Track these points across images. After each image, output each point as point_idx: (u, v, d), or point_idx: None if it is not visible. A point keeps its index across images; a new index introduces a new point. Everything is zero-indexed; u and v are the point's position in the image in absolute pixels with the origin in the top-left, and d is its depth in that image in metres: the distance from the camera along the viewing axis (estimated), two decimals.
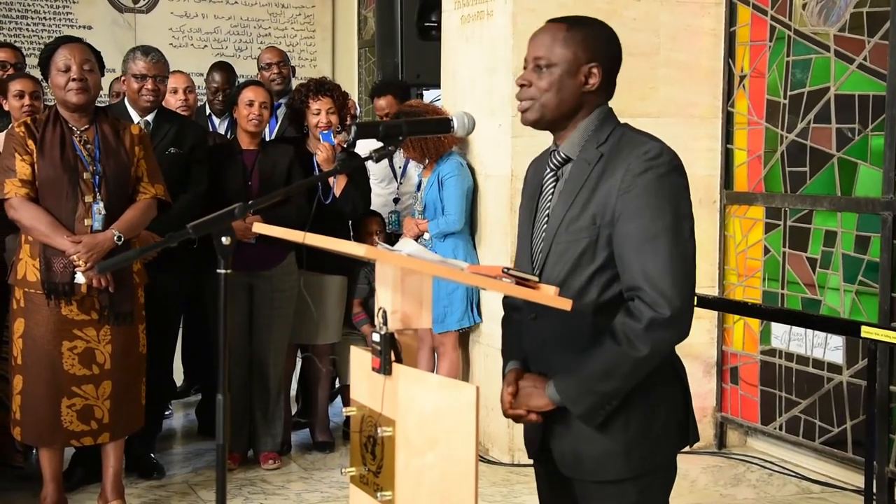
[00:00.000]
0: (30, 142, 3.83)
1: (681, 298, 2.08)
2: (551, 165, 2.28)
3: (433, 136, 4.76)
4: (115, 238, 3.80)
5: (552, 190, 2.27)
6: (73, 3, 8.23)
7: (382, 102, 5.43)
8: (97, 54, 3.98)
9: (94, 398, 3.86)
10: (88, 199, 3.82)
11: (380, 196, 5.29)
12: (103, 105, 4.39)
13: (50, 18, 8.18)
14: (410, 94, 6.01)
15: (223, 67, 5.81)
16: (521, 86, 2.24)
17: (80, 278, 3.77)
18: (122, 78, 4.63)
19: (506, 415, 2.27)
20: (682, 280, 2.09)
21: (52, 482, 3.98)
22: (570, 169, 2.24)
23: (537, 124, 2.26)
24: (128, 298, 3.88)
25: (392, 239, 5.05)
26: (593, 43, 2.22)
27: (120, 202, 3.89)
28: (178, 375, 5.83)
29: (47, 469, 3.97)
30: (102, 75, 4.02)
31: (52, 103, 4.16)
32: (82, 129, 3.90)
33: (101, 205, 3.82)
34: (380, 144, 2.34)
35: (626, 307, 2.12)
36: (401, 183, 5.33)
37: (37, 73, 5.89)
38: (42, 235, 3.79)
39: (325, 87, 4.83)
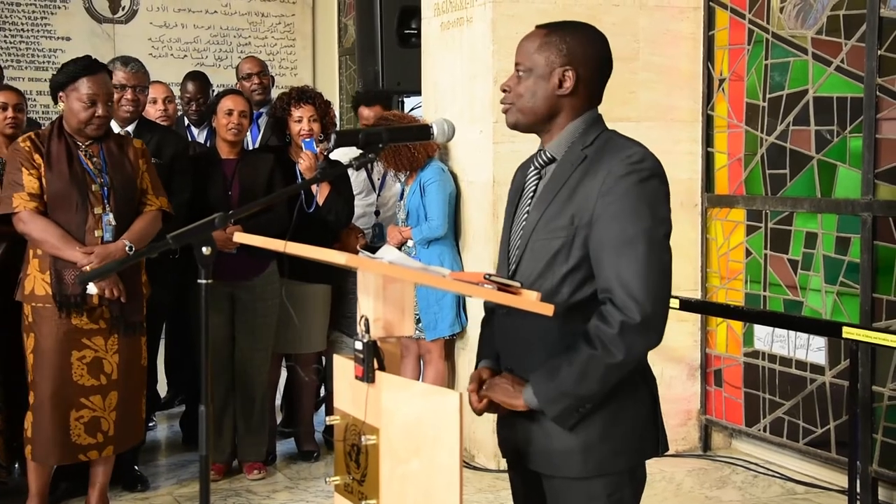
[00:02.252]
0: (36, 156, 3.86)
1: (652, 303, 2.09)
2: (536, 165, 2.30)
3: (406, 149, 4.77)
4: (127, 248, 3.83)
5: (534, 188, 2.29)
6: (52, 14, 8.19)
7: (370, 113, 5.30)
8: (111, 75, 4.04)
9: (101, 409, 3.88)
10: (98, 210, 3.85)
11: (357, 208, 5.26)
12: None
13: (28, 30, 8.14)
14: (393, 102, 5.98)
15: (196, 77, 5.79)
16: (504, 90, 2.28)
17: (91, 289, 3.79)
18: None
19: (476, 412, 2.27)
20: (654, 285, 2.10)
21: (37, 497, 3.96)
22: (553, 169, 2.26)
23: (515, 127, 2.30)
24: (139, 309, 3.94)
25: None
26: (570, 47, 2.23)
27: (128, 213, 3.94)
28: (162, 387, 5.81)
29: (34, 484, 3.96)
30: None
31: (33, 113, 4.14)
32: (86, 143, 3.93)
33: (111, 216, 3.86)
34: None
35: (599, 311, 2.13)
36: (379, 195, 5.29)
37: (17, 84, 5.86)
38: (53, 248, 3.80)
39: (306, 95, 4.83)
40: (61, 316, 3.81)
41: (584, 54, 2.24)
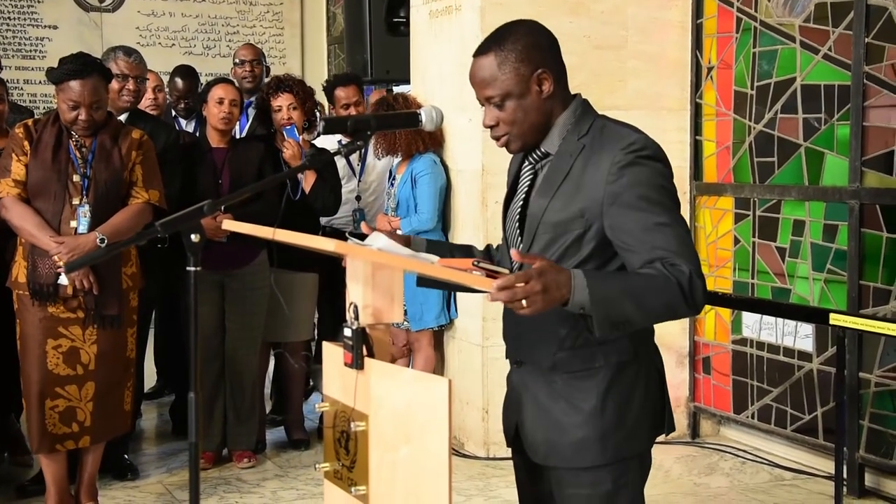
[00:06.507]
0: (26, 143, 3.85)
1: (699, 274, 2.09)
2: (530, 160, 2.28)
3: (408, 134, 4.74)
4: (98, 240, 3.78)
5: (529, 183, 2.27)
6: (39, 2, 8.15)
7: (347, 93, 5.19)
8: (107, 76, 3.93)
9: (76, 399, 3.85)
10: (76, 201, 3.81)
11: None
12: None
13: (14, 18, 8.09)
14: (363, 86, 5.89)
15: (186, 75, 5.71)
16: (491, 127, 2.23)
17: (63, 280, 3.77)
18: None
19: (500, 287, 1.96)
20: (694, 258, 2.10)
21: (52, 486, 3.95)
22: (551, 162, 2.24)
23: (525, 149, 2.26)
24: (115, 301, 3.86)
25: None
26: (525, 51, 2.18)
27: (109, 206, 3.87)
28: (151, 376, 5.80)
29: (47, 474, 3.96)
30: (108, 81, 3.98)
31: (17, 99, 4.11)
32: (79, 133, 3.89)
33: (87, 207, 3.81)
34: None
35: (663, 264, 2.06)
36: (360, 180, 5.27)
37: (4, 73, 5.83)
38: (28, 235, 3.80)
39: (284, 84, 4.81)
40: (34, 304, 3.79)
41: (540, 50, 2.21)
